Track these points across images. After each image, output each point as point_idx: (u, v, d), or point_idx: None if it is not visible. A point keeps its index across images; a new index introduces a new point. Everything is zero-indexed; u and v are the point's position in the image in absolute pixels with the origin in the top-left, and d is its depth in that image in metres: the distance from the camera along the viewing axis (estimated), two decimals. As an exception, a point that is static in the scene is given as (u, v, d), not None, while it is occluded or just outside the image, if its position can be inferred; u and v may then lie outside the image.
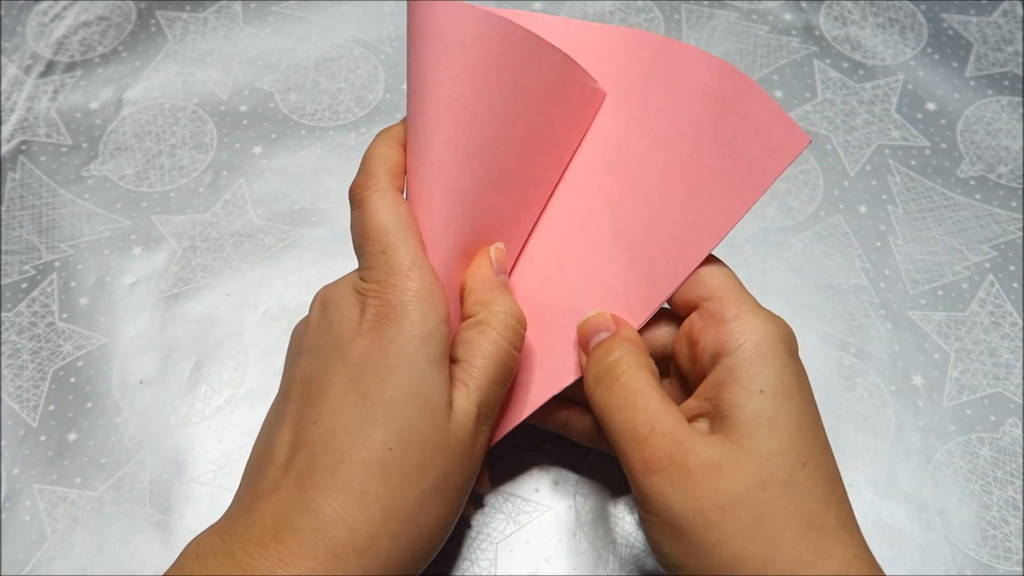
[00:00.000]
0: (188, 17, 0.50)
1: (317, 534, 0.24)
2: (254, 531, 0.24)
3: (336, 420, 0.26)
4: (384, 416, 0.26)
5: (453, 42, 0.28)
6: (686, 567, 0.26)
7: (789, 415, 0.26)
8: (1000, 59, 0.49)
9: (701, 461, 0.25)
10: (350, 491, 0.25)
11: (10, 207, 0.43)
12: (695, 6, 0.51)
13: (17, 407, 0.38)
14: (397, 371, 0.26)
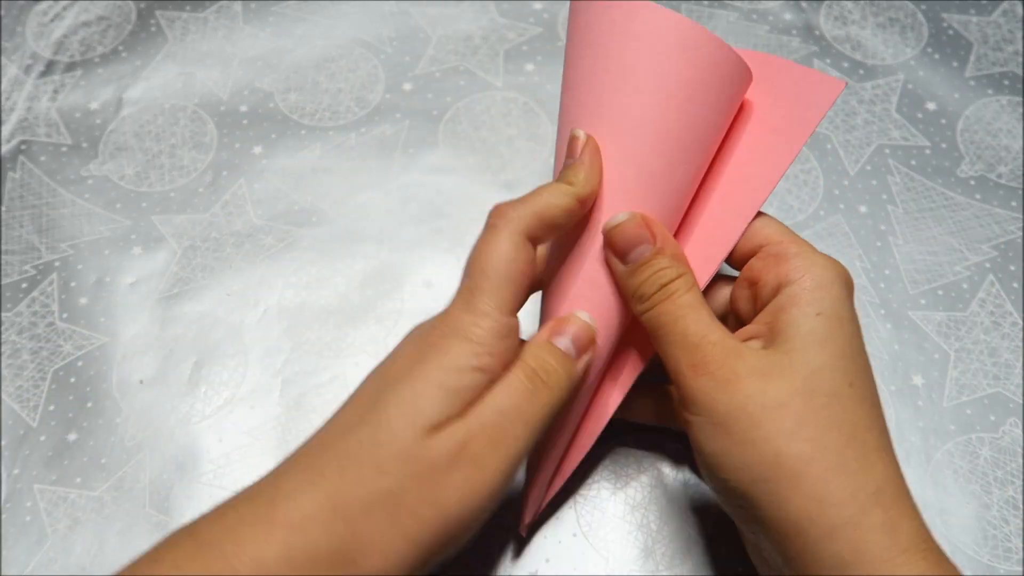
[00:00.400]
0: (188, 17, 0.50)
1: (269, 504, 0.25)
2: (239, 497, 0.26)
3: (344, 409, 0.27)
4: (375, 415, 0.26)
5: (648, 37, 0.29)
6: (726, 464, 0.26)
7: (841, 338, 0.27)
8: (1000, 59, 0.49)
9: (749, 367, 0.27)
10: (312, 468, 0.26)
11: (10, 207, 0.43)
12: (695, 6, 0.51)
13: (17, 407, 0.38)
14: (406, 384, 0.26)
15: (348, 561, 0.24)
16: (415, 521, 0.25)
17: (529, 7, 0.50)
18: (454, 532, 0.26)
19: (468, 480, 0.26)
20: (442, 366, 0.27)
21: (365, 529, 0.25)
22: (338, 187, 0.44)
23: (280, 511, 0.25)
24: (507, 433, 0.27)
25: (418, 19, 0.50)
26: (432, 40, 0.49)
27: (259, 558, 0.24)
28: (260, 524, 0.24)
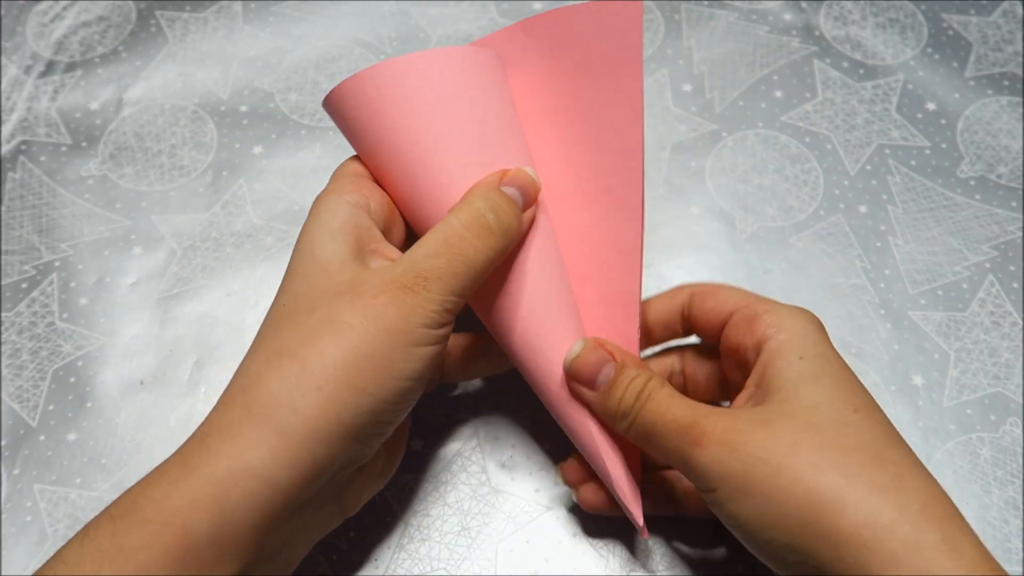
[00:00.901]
0: (188, 17, 0.50)
1: (229, 391, 0.27)
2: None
3: (273, 300, 0.29)
4: (285, 283, 0.28)
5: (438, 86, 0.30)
6: (764, 522, 0.25)
7: (831, 373, 0.27)
8: (1000, 59, 0.49)
9: (751, 422, 0.26)
10: (254, 349, 0.27)
11: (10, 207, 0.43)
12: (695, 6, 0.51)
13: (17, 407, 0.38)
14: (300, 244, 0.29)
15: (303, 381, 0.26)
16: (353, 332, 0.26)
17: (529, 7, 0.50)
18: (394, 361, 0.26)
19: (399, 303, 0.26)
20: (318, 219, 0.29)
21: (309, 353, 0.26)
22: (338, 187, 0.44)
23: (232, 386, 0.27)
24: (444, 270, 0.27)
25: (418, 19, 0.50)
26: (432, 40, 0.49)
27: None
28: (222, 402, 0.27)
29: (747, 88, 0.47)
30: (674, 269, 0.42)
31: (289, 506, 0.25)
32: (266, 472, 0.24)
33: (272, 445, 0.25)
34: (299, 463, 0.25)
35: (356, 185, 0.30)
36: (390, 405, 0.27)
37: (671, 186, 0.44)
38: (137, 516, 0.24)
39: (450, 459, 0.37)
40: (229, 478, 0.24)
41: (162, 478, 0.25)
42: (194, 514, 0.24)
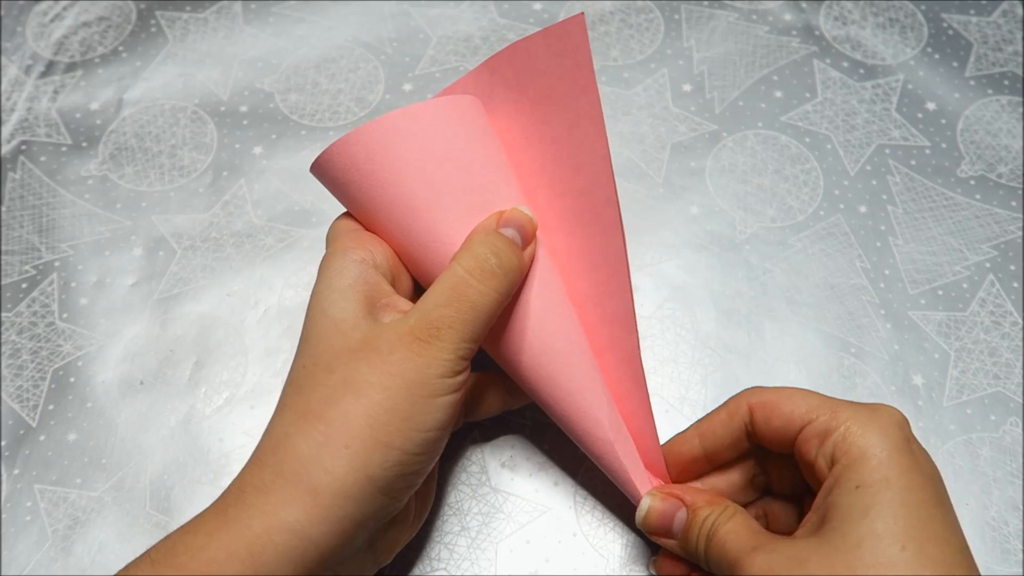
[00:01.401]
0: (188, 17, 0.50)
1: (260, 450, 0.27)
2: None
3: (293, 360, 0.30)
4: (303, 344, 0.29)
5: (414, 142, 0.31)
6: None
7: (886, 503, 0.25)
8: (1000, 59, 0.49)
9: (791, 559, 0.25)
10: (280, 410, 0.28)
11: (10, 207, 0.43)
12: (695, 6, 0.51)
13: (17, 407, 0.38)
14: (312, 306, 0.29)
15: (328, 440, 0.26)
16: (375, 391, 0.27)
17: (529, 7, 0.50)
18: (413, 416, 0.27)
19: (415, 356, 0.27)
20: (326, 280, 0.30)
21: (334, 414, 0.26)
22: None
23: (259, 449, 0.28)
24: (454, 318, 0.28)
25: (418, 20, 0.50)
26: (432, 40, 0.49)
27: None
28: (249, 464, 0.27)
29: (747, 88, 0.47)
30: (674, 269, 0.42)
31: (324, 561, 0.26)
32: (300, 528, 0.25)
33: (304, 503, 0.25)
34: (332, 519, 0.25)
35: (358, 241, 0.31)
36: (416, 456, 0.27)
37: (671, 186, 0.44)
38: (175, 562, 0.25)
39: (450, 459, 0.37)
40: (264, 533, 0.25)
41: (200, 528, 0.25)
42: (230, 566, 0.24)
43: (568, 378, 0.32)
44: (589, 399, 0.32)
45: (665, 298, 0.41)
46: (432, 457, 0.28)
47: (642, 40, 0.49)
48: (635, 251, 0.42)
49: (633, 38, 0.49)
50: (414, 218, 0.31)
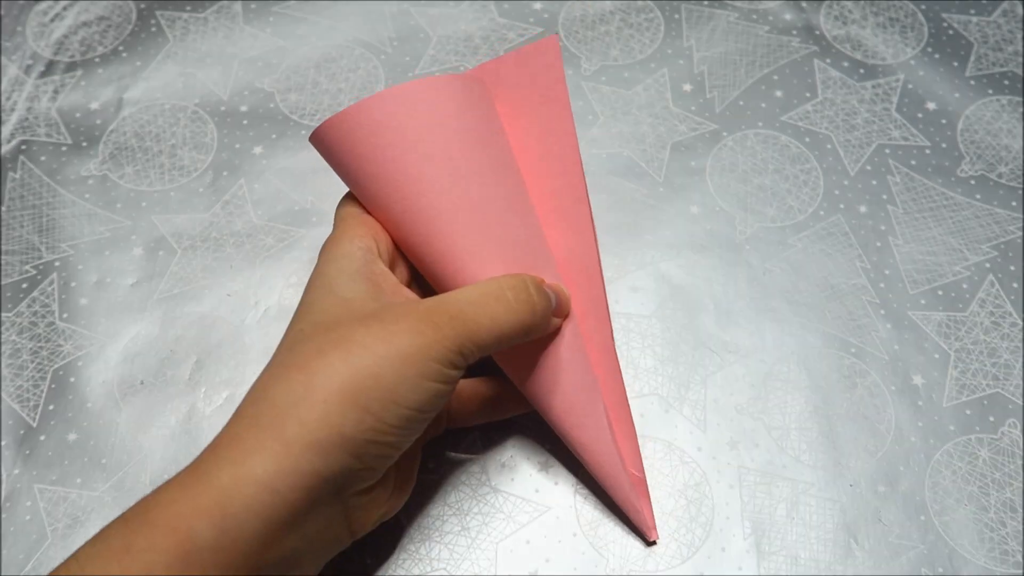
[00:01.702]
0: (188, 17, 0.50)
1: (242, 404, 0.28)
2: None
3: (286, 329, 0.30)
4: (302, 314, 0.29)
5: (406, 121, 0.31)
6: None
7: None
8: (1000, 59, 0.49)
9: None
10: (268, 366, 0.28)
11: (10, 207, 0.44)
12: (695, 6, 0.51)
13: (17, 407, 0.38)
14: (317, 285, 0.30)
15: (307, 391, 0.26)
16: (366, 352, 0.27)
17: (529, 7, 0.50)
18: (403, 391, 0.27)
19: (418, 334, 0.27)
20: (330, 261, 0.30)
21: (319, 365, 0.27)
22: (338, 187, 0.44)
23: (244, 402, 0.28)
24: (471, 318, 0.28)
25: (418, 19, 0.50)
26: (432, 40, 0.49)
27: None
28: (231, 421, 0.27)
29: (747, 88, 0.47)
30: (674, 268, 0.42)
31: (291, 516, 0.26)
32: (268, 479, 0.25)
33: (274, 452, 0.25)
34: (299, 471, 0.25)
35: (365, 228, 0.31)
36: (392, 428, 0.27)
37: (671, 186, 0.44)
38: (146, 518, 0.25)
39: (450, 459, 0.37)
40: (232, 485, 0.25)
41: (173, 484, 0.26)
42: (198, 520, 0.24)
43: (561, 382, 0.33)
44: (603, 447, 0.34)
45: (665, 298, 0.41)
46: (408, 435, 0.28)
47: (642, 40, 0.49)
48: (635, 251, 0.42)
49: (633, 38, 0.49)
50: (418, 193, 0.30)
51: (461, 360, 0.28)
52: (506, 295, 0.29)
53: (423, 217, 0.31)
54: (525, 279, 0.30)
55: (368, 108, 0.30)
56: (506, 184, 0.32)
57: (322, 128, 0.31)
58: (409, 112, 0.30)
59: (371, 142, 0.30)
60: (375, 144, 0.30)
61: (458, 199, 0.31)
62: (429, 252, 0.31)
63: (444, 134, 0.30)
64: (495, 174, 0.32)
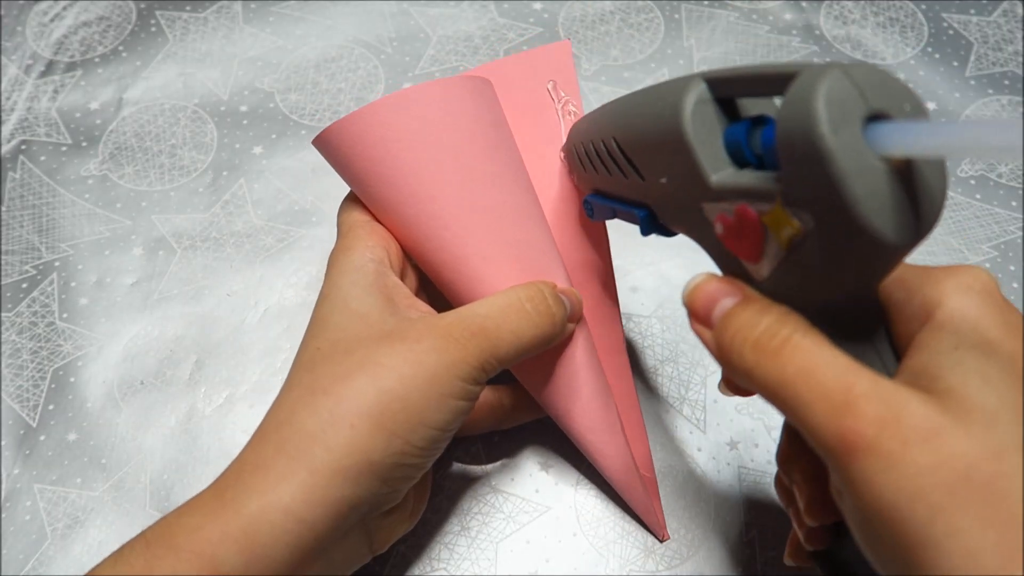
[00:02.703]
0: (188, 17, 0.50)
1: (264, 427, 0.27)
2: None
3: (301, 342, 0.29)
4: (317, 331, 0.28)
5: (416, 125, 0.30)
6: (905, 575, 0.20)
7: (1002, 368, 0.20)
8: (1000, 58, 0.49)
9: (917, 425, 0.19)
10: (288, 387, 0.28)
11: (10, 207, 0.43)
12: (695, 6, 0.51)
13: (17, 407, 0.38)
14: (330, 298, 0.29)
15: (335, 418, 0.26)
16: (391, 373, 0.26)
17: (529, 7, 0.50)
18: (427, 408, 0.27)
19: (442, 352, 0.27)
20: (343, 274, 0.29)
21: (345, 391, 0.26)
22: (338, 187, 0.44)
23: (263, 424, 0.27)
24: (492, 332, 0.28)
25: (418, 19, 0.50)
26: (432, 40, 0.49)
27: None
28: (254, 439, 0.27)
29: (747, 88, 0.47)
30: (674, 269, 0.42)
31: (318, 544, 0.26)
32: (296, 509, 0.25)
33: (302, 481, 0.25)
34: (328, 500, 0.25)
35: (375, 238, 0.31)
36: (418, 449, 0.27)
37: (671, 186, 0.44)
38: (170, 543, 0.24)
39: (450, 459, 0.37)
40: (260, 514, 0.24)
41: (197, 509, 0.25)
42: (224, 547, 0.24)
43: (565, 387, 0.33)
44: (616, 449, 0.34)
45: (665, 298, 0.41)
46: (433, 454, 0.28)
47: (642, 39, 0.49)
48: (635, 251, 0.42)
49: (633, 37, 0.49)
50: (431, 197, 0.30)
51: (483, 376, 0.28)
52: (525, 307, 0.29)
53: (436, 222, 0.30)
54: (542, 288, 0.30)
55: (379, 111, 0.29)
56: (517, 187, 0.32)
57: (329, 131, 0.30)
58: (421, 114, 0.29)
59: (382, 146, 0.30)
60: (386, 147, 0.30)
61: (471, 203, 0.30)
62: (442, 258, 0.31)
63: (457, 136, 0.30)
64: (506, 177, 0.31)
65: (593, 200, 0.31)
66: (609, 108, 0.29)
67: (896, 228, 0.19)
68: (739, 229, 0.23)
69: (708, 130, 0.23)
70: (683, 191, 0.24)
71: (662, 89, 0.24)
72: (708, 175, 0.23)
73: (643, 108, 0.26)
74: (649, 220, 0.28)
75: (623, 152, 0.27)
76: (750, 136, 0.22)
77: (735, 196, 0.22)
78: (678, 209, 0.26)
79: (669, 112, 0.23)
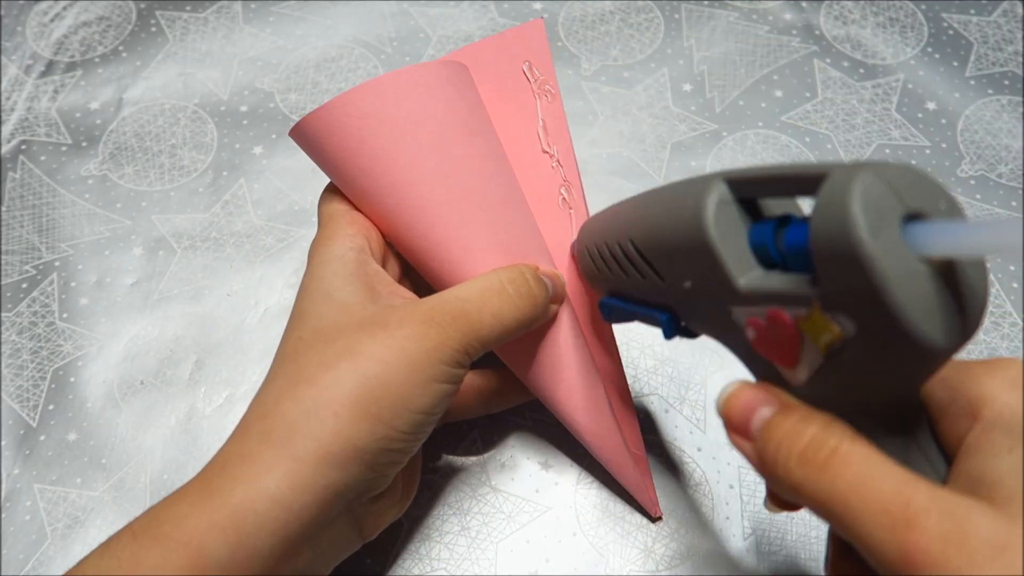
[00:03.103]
0: (188, 17, 0.50)
1: (248, 417, 0.27)
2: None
3: (284, 333, 0.30)
4: (299, 321, 0.29)
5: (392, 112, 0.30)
6: None
7: None
8: (1000, 59, 0.49)
9: (984, 539, 0.18)
10: (271, 378, 0.28)
11: (10, 207, 0.43)
12: (695, 6, 0.51)
13: (17, 407, 0.38)
14: (311, 289, 0.29)
15: (319, 408, 0.26)
16: (372, 362, 0.26)
17: (529, 7, 0.50)
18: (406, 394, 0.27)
19: (423, 337, 0.27)
20: (323, 264, 0.29)
21: (326, 379, 0.26)
22: (338, 187, 0.44)
23: (247, 416, 0.27)
24: (473, 316, 0.28)
25: (418, 19, 0.50)
26: (432, 40, 0.49)
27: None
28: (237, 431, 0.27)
29: (747, 88, 0.47)
30: (674, 269, 0.42)
31: (305, 532, 0.26)
32: (282, 497, 0.25)
33: (287, 469, 0.25)
34: (314, 487, 0.25)
35: (356, 227, 0.31)
36: (403, 434, 0.27)
37: (671, 186, 0.44)
38: (156, 533, 0.24)
39: (450, 459, 0.37)
40: (246, 502, 0.25)
41: (183, 499, 0.25)
42: (211, 536, 0.24)
43: (560, 369, 0.33)
44: (605, 428, 0.33)
45: (665, 298, 0.41)
46: (418, 439, 0.28)
47: (642, 40, 0.49)
48: (635, 251, 0.42)
49: (633, 37, 0.49)
50: (409, 184, 0.29)
51: (466, 359, 0.28)
52: (507, 289, 0.29)
53: (416, 210, 0.30)
54: (523, 270, 0.30)
55: (354, 99, 0.29)
56: (496, 171, 0.32)
57: (305, 121, 0.30)
58: (398, 101, 0.29)
59: (359, 135, 0.29)
60: (363, 136, 0.29)
61: (451, 189, 0.30)
62: (423, 245, 0.31)
63: (435, 121, 0.30)
64: (485, 161, 0.31)
65: (610, 303, 0.30)
66: (623, 209, 0.28)
67: (942, 331, 0.18)
68: (773, 335, 0.22)
69: (732, 231, 0.22)
70: (709, 295, 0.23)
71: (680, 189, 0.24)
72: (736, 279, 0.22)
73: (661, 209, 0.25)
74: (672, 323, 0.26)
75: (641, 254, 0.26)
76: (777, 236, 0.21)
77: (767, 300, 0.21)
78: (704, 313, 0.25)
79: (690, 214, 0.22)
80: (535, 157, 0.34)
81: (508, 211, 0.31)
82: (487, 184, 0.31)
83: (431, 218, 0.30)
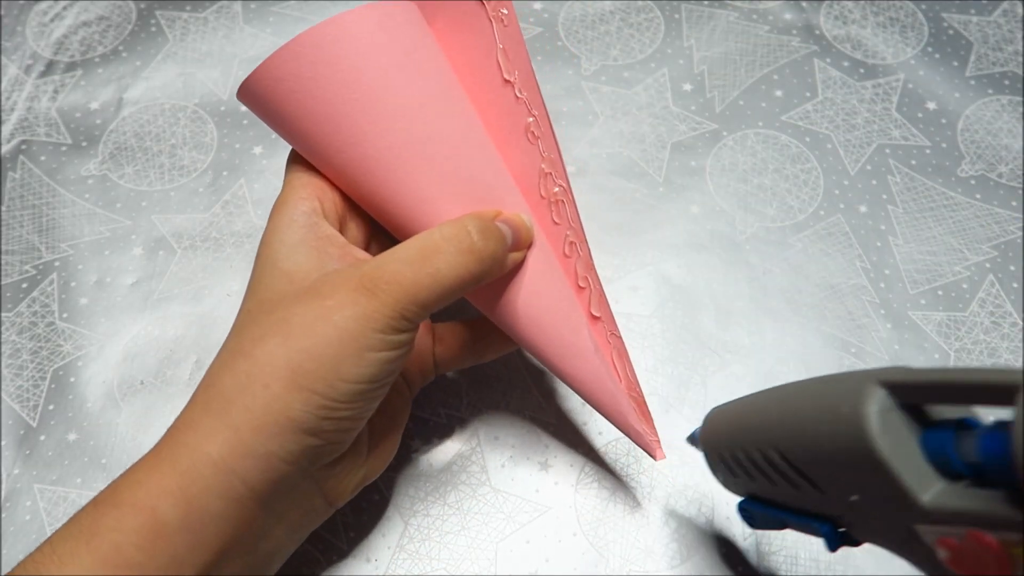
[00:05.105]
0: (188, 17, 0.50)
1: (196, 389, 0.27)
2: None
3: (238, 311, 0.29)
4: (250, 293, 0.29)
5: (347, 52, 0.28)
6: None
7: None
8: (1000, 58, 0.49)
9: None
10: (219, 351, 0.28)
11: (10, 207, 0.44)
12: (695, 6, 0.51)
13: (17, 407, 0.38)
14: (262, 257, 0.29)
15: (251, 377, 0.26)
16: (305, 332, 0.26)
17: (529, 7, 0.50)
18: (343, 368, 0.26)
19: (352, 305, 0.26)
20: (274, 231, 0.29)
21: (261, 349, 0.26)
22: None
23: (199, 389, 0.27)
24: (408, 278, 0.26)
25: (418, 19, 0.50)
26: (432, 40, 0.49)
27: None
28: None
29: (747, 87, 0.47)
30: (674, 268, 0.42)
31: (255, 494, 0.26)
32: (223, 461, 0.25)
33: (226, 437, 0.25)
34: (254, 454, 0.25)
35: (308, 189, 0.30)
36: (343, 404, 0.26)
37: (671, 185, 0.44)
38: (114, 500, 0.25)
39: (450, 459, 0.37)
40: (191, 467, 0.25)
41: (139, 469, 0.26)
42: (163, 500, 0.25)
43: (549, 312, 0.31)
44: (591, 374, 0.32)
45: (665, 298, 0.41)
46: (366, 405, 0.28)
47: (642, 39, 0.49)
48: (635, 251, 0.42)
49: (633, 37, 0.49)
50: (358, 137, 0.28)
51: (406, 324, 0.27)
52: (443, 247, 0.27)
53: (367, 164, 0.28)
54: (466, 224, 0.28)
55: (292, 51, 0.27)
56: (452, 112, 0.30)
57: (248, 81, 0.28)
58: (335, 49, 0.27)
59: (301, 88, 0.28)
60: (305, 90, 0.28)
61: (401, 138, 0.28)
62: (381, 200, 0.29)
63: (377, 67, 0.28)
64: (439, 104, 0.29)
65: (752, 508, 0.27)
66: (756, 409, 0.25)
67: None
68: (975, 558, 0.19)
69: (902, 442, 0.20)
70: (883, 511, 0.21)
71: (828, 396, 0.22)
72: (918, 496, 0.19)
73: (808, 417, 0.22)
74: (834, 534, 0.24)
75: (792, 465, 0.23)
76: (959, 444, 0.19)
77: (962, 522, 0.19)
78: (879, 528, 0.22)
79: (847, 427, 0.20)
80: (497, 90, 0.31)
81: (468, 152, 0.30)
82: (442, 128, 0.29)
83: (386, 171, 0.28)
